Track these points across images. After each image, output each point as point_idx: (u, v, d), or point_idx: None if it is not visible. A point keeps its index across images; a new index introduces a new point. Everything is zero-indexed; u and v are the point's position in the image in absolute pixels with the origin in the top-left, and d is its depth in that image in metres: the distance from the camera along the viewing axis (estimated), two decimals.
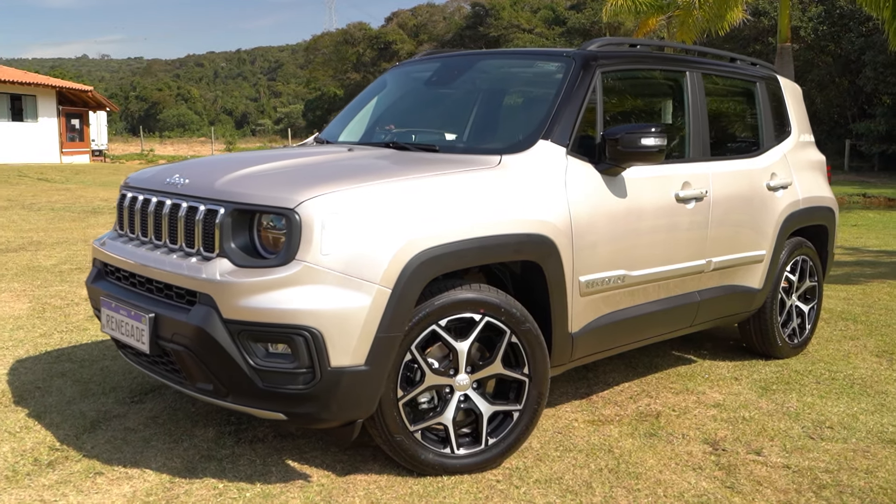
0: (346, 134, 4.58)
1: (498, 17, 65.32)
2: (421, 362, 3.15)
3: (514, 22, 64.13)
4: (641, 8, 21.29)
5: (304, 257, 2.89)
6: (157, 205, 3.33)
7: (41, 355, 4.67)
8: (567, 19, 60.31)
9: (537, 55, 4.36)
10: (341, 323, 2.88)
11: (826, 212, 5.29)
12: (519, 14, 65.92)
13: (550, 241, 3.40)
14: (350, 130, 4.61)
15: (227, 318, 2.91)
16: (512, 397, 3.37)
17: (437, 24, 78.85)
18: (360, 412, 3.00)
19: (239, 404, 3.05)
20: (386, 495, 3.08)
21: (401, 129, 4.42)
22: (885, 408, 4.21)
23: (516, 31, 62.94)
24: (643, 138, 3.60)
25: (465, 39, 67.93)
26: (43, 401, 3.95)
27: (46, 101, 29.99)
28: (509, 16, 64.80)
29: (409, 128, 4.35)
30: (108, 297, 3.44)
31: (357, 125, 4.63)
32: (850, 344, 5.45)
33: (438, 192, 3.15)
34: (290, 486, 3.13)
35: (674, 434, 3.79)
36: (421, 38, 76.32)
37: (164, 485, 3.11)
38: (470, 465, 3.27)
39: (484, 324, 3.23)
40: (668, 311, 4.16)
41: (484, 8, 67.99)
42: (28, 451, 3.38)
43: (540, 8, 66.69)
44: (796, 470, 3.41)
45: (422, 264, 2.98)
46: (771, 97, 5.04)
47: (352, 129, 4.61)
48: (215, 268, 2.97)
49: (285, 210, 2.91)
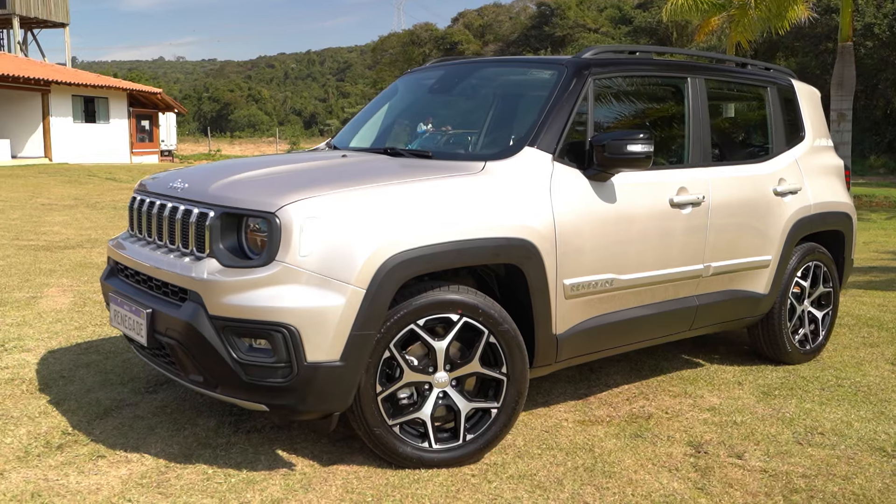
0: (357, 139, 4.75)
1: (563, 16, 64.99)
2: (399, 359, 3.30)
3: (580, 21, 63.72)
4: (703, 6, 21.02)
5: (283, 258, 3.07)
6: (160, 207, 3.57)
7: (71, 346, 4.98)
8: (633, 18, 59.64)
9: (534, 63, 4.45)
10: (317, 320, 3.05)
11: (841, 217, 5.24)
12: (585, 13, 65.44)
13: (532, 245, 3.51)
14: (361, 136, 4.78)
15: (213, 315, 3.11)
16: (491, 395, 3.50)
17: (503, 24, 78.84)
18: (336, 405, 3.17)
19: (227, 395, 3.25)
20: (363, 485, 3.24)
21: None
22: (884, 416, 4.18)
23: (582, 30, 62.55)
24: (629, 145, 3.68)
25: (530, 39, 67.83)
26: (65, 389, 4.24)
27: (118, 102, 31.17)
28: (575, 15, 64.40)
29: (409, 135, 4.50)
30: (115, 293, 3.69)
31: (368, 131, 4.81)
32: (867, 351, 5.39)
33: (415, 197, 3.29)
34: (273, 473, 3.32)
35: (659, 436, 3.85)
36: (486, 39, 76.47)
37: (160, 469, 3.33)
38: (448, 460, 3.41)
39: (462, 324, 3.36)
40: (663, 315, 4.22)
41: (549, 7, 67.76)
42: (42, 434, 3.65)
43: (606, 7, 66.03)
44: (773, 474, 3.44)
45: (395, 266, 3.13)
46: (783, 102, 5.03)
47: (363, 136, 4.79)
48: (204, 267, 3.18)
49: (267, 213, 3.10)
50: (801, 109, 5.18)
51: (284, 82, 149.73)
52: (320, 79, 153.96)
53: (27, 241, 9.84)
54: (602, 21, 63.69)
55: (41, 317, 5.70)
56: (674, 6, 21.85)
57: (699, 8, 21.04)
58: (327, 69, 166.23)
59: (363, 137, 4.77)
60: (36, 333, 5.25)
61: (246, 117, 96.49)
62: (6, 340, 5.06)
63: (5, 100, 26.83)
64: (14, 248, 9.17)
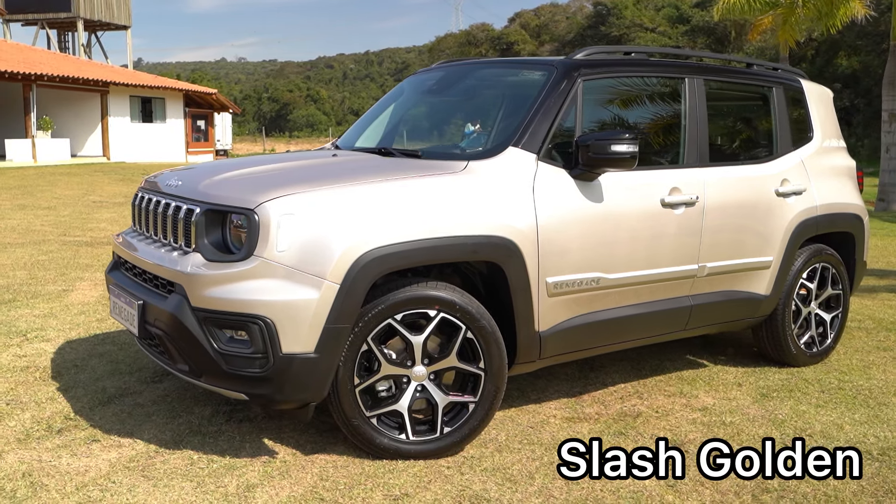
0: (362, 140, 4.86)
1: (620, 15, 64.43)
2: (377, 353, 3.40)
3: (637, 21, 63.07)
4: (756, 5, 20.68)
5: (261, 253, 3.19)
6: (156, 204, 3.73)
7: (90, 337, 5.20)
8: (691, 17, 58.79)
9: (528, 64, 4.50)
10: (292, 313, 3.17)
11: (851, 219, 5.17)
12: (642, 13, 64.74)
13: (512, 244, 3.57)
14: (367, 136, 4.89)
15: (195, 307, 3.25)
16: (468, 389, 3.57)
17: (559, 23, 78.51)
18: (312, 396, 3.28)
19: (210, 384, 3.39)
20: (338, 473, 3.35)
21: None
22: (878, 419, 4.13)
23: (638, 29, 61.92)
24: (613, 145, 3.71)
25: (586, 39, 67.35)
26: (75, 377, 4.44)
27: (174, 103, 32.00)
28: (632, 14, 63.78)
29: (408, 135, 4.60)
30: (114, 285, 3.87)
31: (373, 131, 4.92)
32: (878, 355, 5.30)
33: (391, 195, 3.39)
34: (255, 460, 3.45)
35: (643, 434, 3.88)
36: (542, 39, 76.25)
37: (149, 454, 3.49)
38: (424, 452, 3.50)
39: (440, 319, 3.45)
40: (655, 315, 4.23)
41: (606, 7, 67.21)
42: (45, 418, 3.85)
43: (663, 6, 65.16)
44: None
45: (370, 262, 3.23)
46: (789, 102, 4.98)
47: (368, 136, 4.90)
48: (189, 261, 3.33)
49: (246, 210, 3.23)
50: (811, 110, 5.13)
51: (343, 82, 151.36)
52: (378, 79, 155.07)
53: (73, 236, 10.23)
54: (659, 20, 62.91)
55: (67, 309, 5.95)
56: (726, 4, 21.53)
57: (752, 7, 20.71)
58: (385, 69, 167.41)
59: (368, 137, 4.88)
60: (59, 324, 5.50)
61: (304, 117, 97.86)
62: (29, 330, 5.31)
63: (66, 100, 27.77)
64: (59, 243, 9.54)
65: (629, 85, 4.40)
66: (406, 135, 4.69)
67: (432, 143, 4.56)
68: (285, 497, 3.13)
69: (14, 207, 13.56)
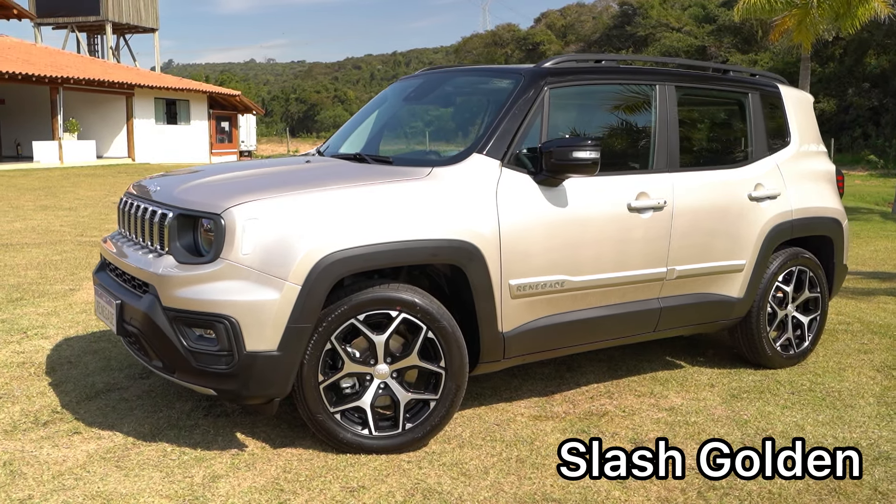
0: (346, 145, 5.02)
1: (646, 15, 64.15)
2: (340, 351, 3.55)
3: (663, 20, 62.73)
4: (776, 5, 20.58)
5: (227, 256, 3.36)
6: (136, 208, 3.92)
7: (87, 335, 5.42)
8: (717, 17, 58.34)
9: (498, 73, 4.63)
10: (255, 313, 3.34)
11: (829, 223, 5.24)
12: (668, 12, 64.36)
13: (473, 247, 3.71)
14: (350, 142, 5.05)
15: (166, 306, 3.43)
16: (430, 387, 3.71)
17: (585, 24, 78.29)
18: (275, 391, 3.45)
19: (182, 380, 3.56)
20: (301, 465, 3.51)
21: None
22: (841, 421, 4.21)
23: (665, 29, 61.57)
24: (575, 151, 3.83)
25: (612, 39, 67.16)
26: (68, 372, 4.65)
27: (198, 105, 32.51)
28: (658, 14, 63.45)
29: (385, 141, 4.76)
30: (98, 285, 4.06)
31: (357, 137, 5.07)
32: (858, 357, 5.35)
33: (353, 200, 3.54)
34: (224, 453, 3.62)
35: (604, 432, 3.99)
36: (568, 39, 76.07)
37: (126, 445, 3.68)
38: (387, 447, 3.64)
39: (401, 319, 3.59)
40: (622, 316, 4.34)
41: (632, 7, 66.93)
42: (34, 412, 4.05)
43: (690, 5, 64.70)
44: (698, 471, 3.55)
45: (330, 265, 3.39)
46: (766, 108, 5.06)
47: (352, 141, 5.05)
48: (161, 263, 3.51)
49: (213, 215, 3.40)
50: (788, 115, 5.20)
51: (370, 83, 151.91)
52: None
53: (90, 237, 10.50)
54: (685, 20, 62.49)
55: (70, 307, 6.18)
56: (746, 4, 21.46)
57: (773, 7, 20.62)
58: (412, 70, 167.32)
59: (353, 143, 5.03)
60: (60, 322, 5.72)
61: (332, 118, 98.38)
62: (30, 328, 5.54)
63: (92, 103, 28.34)
64: (74, 243, 9.81)
65: (598, 92, 4.51)
66: (385, 141, 4.83)
67: (410, 149, 4.70)
68: (247, 487, 3.29)
69: (36, 208, 13.92)
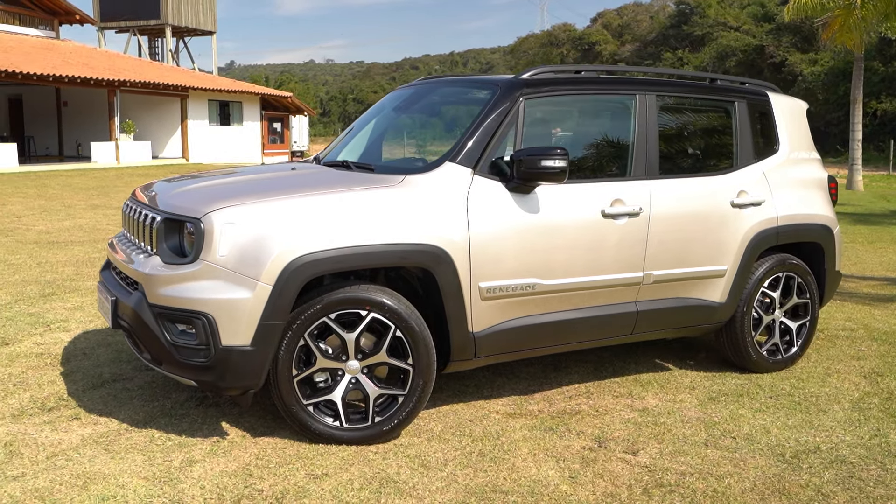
0: (343, 153, 5.25)
1: (703, 14, 63.29)
2: (313, 348, 3.79)
3: (720, 19, 61.80)
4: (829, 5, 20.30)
5: (205, 257, 3.63)
6: (134, 211, 4.23)
7: (104, 329, 5.77)
8: (776, 15, 57.19)
9: (477, 83, 4.81)
10: (230, 311, 3.60)
11: (819, 229, 5.29)
12: (726, 11, 63.36)
13: (441, 251, 3.91)
14: (347, 150, 5.28)
15: (151, 303, 3.72)
16: (399, 383, 3.93)
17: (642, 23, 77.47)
18: (250, 383, 3.70)
19: (168, 372, 3.85)
20: (274, 453, 3.76)
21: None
22: (810, 425, 4.28)
23: (722, 28, 60.67)
24: (543, 160, 4.01)
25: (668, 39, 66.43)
26: (80, 363, 4.99)
27: (251, 106, 33.33)
28: (715, 13, 62.53)
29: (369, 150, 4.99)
30: (101, 283, 4.38)
31: (354, 145, 5.30)
32: (847, 364, 5.39)
33: (325, 206, 3.78)
34: (205, 441, 3.89)
35: (571, 430, 4.15)
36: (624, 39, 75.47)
37: (120, 431, 3.98)
38: (357, 438, 3.87)
39: (371, 319, 3.82)
40: (597, 319, 4.49)
41: (689, 6, 66.08)
42: (42, 398, 4.39)
43: (748, 4, 63.56)
44: (652, 470, 3.69)
45: (300, 266, 3.63)
46: (753, 116, 5.14)
47: (349, 149, 5.28)
48: (149, 263, 3.80)
49: (194, 219, 3.68)
50: (778, 122, 5.27)
51: None
52: None
53: None
54: (744, 18, 61.43)
55: (95, 303, 6.56)
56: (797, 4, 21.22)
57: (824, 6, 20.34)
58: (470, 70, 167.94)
59: (351, 150, 5.27)
60: (83, 317, 6.10)
61: None
62: (54, 321, 5.92)
63: (148, 105, 29.30)
64: None
65: (576, 102, 4.66)
66: (379, 149, 5.06)
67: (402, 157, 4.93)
68: (218, 472, 3.56)
69: (87, 207, 14.56)
